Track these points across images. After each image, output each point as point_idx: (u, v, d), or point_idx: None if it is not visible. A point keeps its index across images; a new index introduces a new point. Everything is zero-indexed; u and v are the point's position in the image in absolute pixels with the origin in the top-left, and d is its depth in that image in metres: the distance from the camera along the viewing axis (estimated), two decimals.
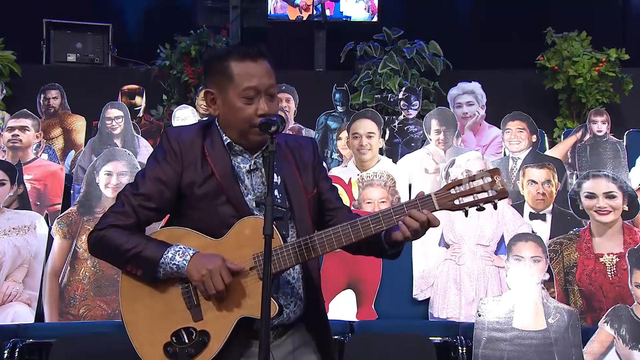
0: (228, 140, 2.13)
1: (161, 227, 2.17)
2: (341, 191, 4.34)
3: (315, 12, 7.55)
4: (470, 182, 2.02)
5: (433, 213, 2.02)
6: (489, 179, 2.01)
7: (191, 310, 2.04)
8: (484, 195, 2.02)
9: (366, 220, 2.02)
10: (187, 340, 2.02)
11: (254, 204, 2.09)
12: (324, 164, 2.43)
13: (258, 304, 1.87)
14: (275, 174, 2.10)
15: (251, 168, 2.14)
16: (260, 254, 1.98)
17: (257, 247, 1.98)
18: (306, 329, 2.16)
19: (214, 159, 2.09)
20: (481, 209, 2.03)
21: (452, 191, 2.02)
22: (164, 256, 2.01)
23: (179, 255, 2.01)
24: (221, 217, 2.06)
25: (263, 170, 2.12)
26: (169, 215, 2.17)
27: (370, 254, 2.20)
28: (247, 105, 2.08)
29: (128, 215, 2.08)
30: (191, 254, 2.01)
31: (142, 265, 2.04)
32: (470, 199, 2.02)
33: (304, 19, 7.61)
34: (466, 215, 2.05)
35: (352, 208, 2.44)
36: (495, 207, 2.04)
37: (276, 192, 2.10)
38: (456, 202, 2.02)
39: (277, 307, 1.99)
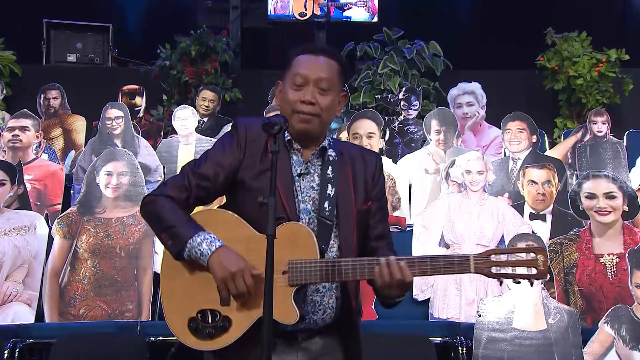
0: (288, 137, 2.18)
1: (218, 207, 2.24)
2: None
3: (320, 13, 7.54)
4: (513, 255, 2.03)
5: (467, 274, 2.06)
6: (532, 256, 2.02)
7: (221, 294, 2.08)
8: (522, 271, 2.02)
9: (424, 260, 2.07)
10: (210, 321, 2.09)
11: (300, 207, 2.13)
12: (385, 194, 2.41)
13: (281, 308, 1.96)
14: (330, 185, 2.15)
15: (302, 172, 2.18)
16: (296, 261, 2.04)
17: (295, 253, 2.04)
18: (336, 336, 2.18)
19: (275, 168, 2.10)
20: (517, 282, 2.03)
21: (493, 258, 2.03)
22: (193, 239, 2.06)
23: (206, 243, 2.05)
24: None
25: (315, 176, 2.18)
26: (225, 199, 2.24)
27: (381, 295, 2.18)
28: (295, 92, 2.15)
29: (183, 189, 2.15)
30: (217, 246, 2.05)
31: (173, 239, 2.10)
32: (508, 270, 2.02)
33: (306, 17, 7.59)
34: (500, 284, 2.08)
35: None
36: (531, 284, 2.04)
37: (327, 204, 2.13)
38: (493, 269, 2.02)
39: (297, 316, 2.03)
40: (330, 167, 2.18)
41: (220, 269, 2.03)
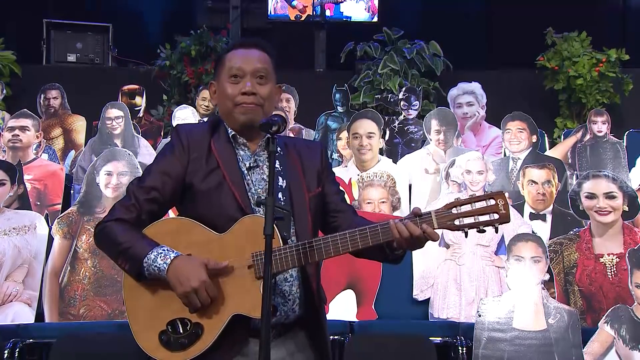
0: (232, 133, 2.18)
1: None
2: None
3: (314, 13, 7.55)
4: (474, 203, 2.01)
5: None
6: (492, 202, 2.01)
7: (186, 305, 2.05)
8: (485, 217, 2.01)
9: (365, 232, 2.03)
10: (181, 331, 2.04)
11: (255, 200, 2.11)
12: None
13: (252, 303, 1.92)
14: (280, 177, 2.14)
15: (251, 165, 2.16)
16: (260, 253, 2.00)
17: (257, 245, 1.99)
18: (304, 330, 2.16)
19: (219, 152, 2.13)
20: (481, 231, 2.02)
21: (454, 210, 2.02)
22: (147, 256, 2.02)
23: (160, 257, 2.02)
24: (225, 211, 2.07)
25: (264, 168, 2.16)
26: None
27: (372, 258, 2.21)
28: (233, 85, 2.16)
29: (132, 208, 2.11)
30: (172, 257, 2.01)
31: (129, 262, 2.06)
32: (470, 220, 2.01)
33: (302, 19, 7.61)
34: (466, 236, 2.04)
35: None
36: (496, 230, 2.04)
37: (280, 195, 2.12)
38: (456, 222, 2.02)
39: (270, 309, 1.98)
40: (277, 161, 2.15)
41: (178, 284, 1.99)
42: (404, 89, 6.42)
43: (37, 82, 6.68)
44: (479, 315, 3.90)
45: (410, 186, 5.29)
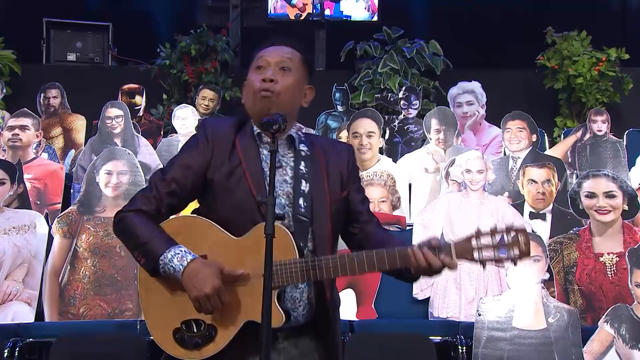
0: (257, 131, 2.14)
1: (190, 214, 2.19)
2: None
3: (314, 12, 7.55)
4: (494, 236, 1.97)
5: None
6: (514, 237, 1.97)
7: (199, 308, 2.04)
8: (504, 252, 1.97)
9: (382, 256, 2.00)
10: (195, 330, 2.04)
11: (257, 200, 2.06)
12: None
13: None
14: (304, 181, 2.11)
15: (275, 165, 2.11)
16: (276, 262, 1.95)
17: (275, 255, 1.96)
18: (314, 334, 2.14)
19: (243, 149, 2.10)
20: (500, 265, 2.01)
21: (473, 242, 1.98)
22: (164, 255, 2.01)
23: (177, 258, 2.00)
24: (242, 208, 2.05)
25: (288, 169, 2.13)
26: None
27: (387, 274, 2.17)
28: (256, 74, 2.13)
29: (153, 200, 2.09)
30: (188, 260, 2.00)
31: (145, 257, 2.05)
32: (490, 254, 1.98)
33: (302, 17, 7.61)
34: (484, 268, 2.02)
35: None
36: (515, 264, 2.01)
37: (302, 201, 2.09)
38: (475, 254, 1.98)
39: (283, 317, 1.99)
40: (303, 162, 2.13)
41: (192, 288, 1.98)
42: (403, 88, 6.42)
43: (37, 81, 6.68)
44: (479, 315, 3.90)
45: (410, 185, 5.30)
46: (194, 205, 2.23)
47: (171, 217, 2.14)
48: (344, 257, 2.01)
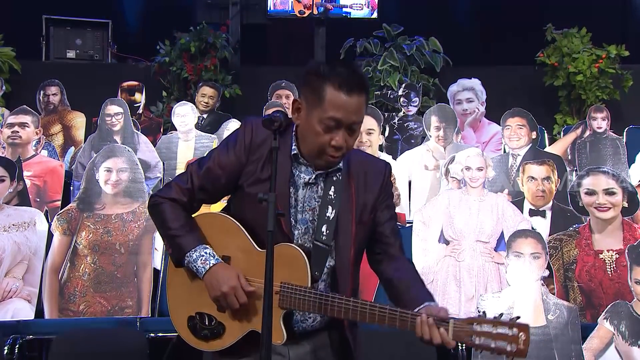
0: (295, 151, 2.14)
1: (221, 210, 2.26)
2: None
3: (317, 11, 7.54)
4: (496, 327, 1.94)
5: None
6: (515, 332, 1.93)
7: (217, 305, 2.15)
8: (502, 344, 1.93)
9: (394, 316, 1.99)
10: (207, 323, 2.16)
11: (297, 217, 2.13)
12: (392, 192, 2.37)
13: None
14: (330, 207, 2.13)
15: (310, 181, 2.14)
16: (287, 284, 2.05)
17: (288, 275, 2.05)
18: (328, 336, 2.19)
19: (276, 163, 2.06)
20: (493, 354, 1.96)
21: (474, 326, 1.95)
22: (189, 253, 2.11)
23: (200, 260, 2.11)
24: (263, 222, 2.02)
25: (319, 188, 2.15)
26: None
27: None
28: (325, 133, 2.05)
29: (186, 192, 2.18)
30: (211, 264, 2.10)
31: (172, 248, 2.16)
32: (487, 342, 1.94)
33: (305, 15, 7.60)
34: (480, 352, 2.02)
35: None
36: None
37: (325, 228, 2.12)
38: (473, 338, 1.95)
39: (284, 338, 2.05)
40: (333, 187, 2.14)
41: (212, 288, 2.09)
42: (403, 85, 6.42)
43: (36, 79, 6.68)
44: (479, 312, 3.90)
45: (409, 182, 5.30)
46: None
47: (206, 212, 2.23)
48: (357, 304, 2.03)
